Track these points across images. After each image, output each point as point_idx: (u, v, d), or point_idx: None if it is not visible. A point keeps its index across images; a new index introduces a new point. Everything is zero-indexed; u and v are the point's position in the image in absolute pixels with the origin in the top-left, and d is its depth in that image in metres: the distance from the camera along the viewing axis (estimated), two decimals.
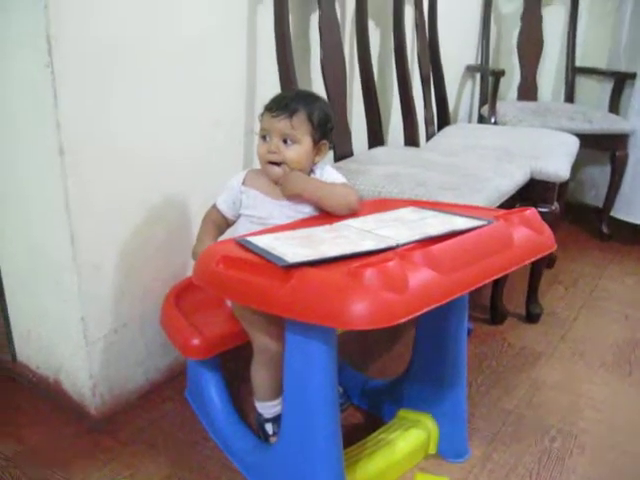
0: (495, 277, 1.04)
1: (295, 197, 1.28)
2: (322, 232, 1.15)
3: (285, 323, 1.09)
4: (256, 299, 1.00)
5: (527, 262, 1.11)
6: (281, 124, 1.24)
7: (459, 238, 1.02)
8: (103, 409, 1.50)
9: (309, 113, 1.26)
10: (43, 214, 1.36)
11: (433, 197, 1.49)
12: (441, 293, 0.95)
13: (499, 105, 2.57)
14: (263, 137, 1.27)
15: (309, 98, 1.30)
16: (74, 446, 1.41)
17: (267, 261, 1.00)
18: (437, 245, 0.98)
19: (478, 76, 2.92)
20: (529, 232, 1.13)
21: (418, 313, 0.90)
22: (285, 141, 1.26)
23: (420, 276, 0.94)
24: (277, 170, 1.27)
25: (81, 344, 1.42)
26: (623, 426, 1.53)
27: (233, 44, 1.63)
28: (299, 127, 1.25)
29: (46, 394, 1.57)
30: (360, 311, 0.87)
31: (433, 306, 0.93)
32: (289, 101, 1.26)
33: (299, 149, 1.26)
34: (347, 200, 1.28)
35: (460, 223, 1.10)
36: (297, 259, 0.97)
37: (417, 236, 1.06)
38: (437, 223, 1.14)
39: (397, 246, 1.02)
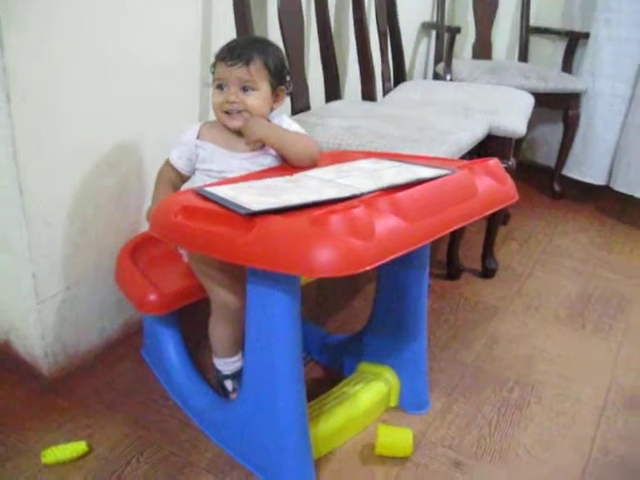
0: (459, 225, 1.03)
1: (257, 143, 1.24)
2: (282, 182, 1.12)
3: (245, 276, 1.07)
4: (218, 249, 0.97)
5: (490, 211, 1.10)
6: (238, 72, 1.20)
7: (424, 186, 1.01)
8: (57, 369, 1.45)
9: (265, 59, 1.22)
10: None
11: (394, 149, 1.47)
12: (408, 240, 0.93)
13: (454, 63, 2.56)
14: (219, 87, 1.23)
15: (263, 44, 1.26)
16: (27, 408, 1.37)
17: (228, 210, 0.97)
18: (403, 192, 0.97)
19: (433, 34, 2.89)
20: (492, 182, 1.13)
21: (385, 260, 0.89)
22: (244, 89, 1.22)
23: (386, 223, 0.92)
24: (236, 120, 1.23)
25: (32, 302, 1.37)
26: (576, 377, 1.56)
27: None
28: (256, 74, 1.21)
29: None
30: (326, 258, 0.85)
31: (400, 253, 0.91)
32: (244, 49, 1.22)
33: (258, 95, 1.22)
34: (310, 150, 1.25)
35: (424, 172, 1.09)
36: (260, 207, 0.94)
37: (381, 184, 1.04)
38: (401, 172, 1.12)
39: (361, 194, 1.00)
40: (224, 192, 1.05)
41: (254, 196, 1.02)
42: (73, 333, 1.47)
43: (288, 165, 1.27)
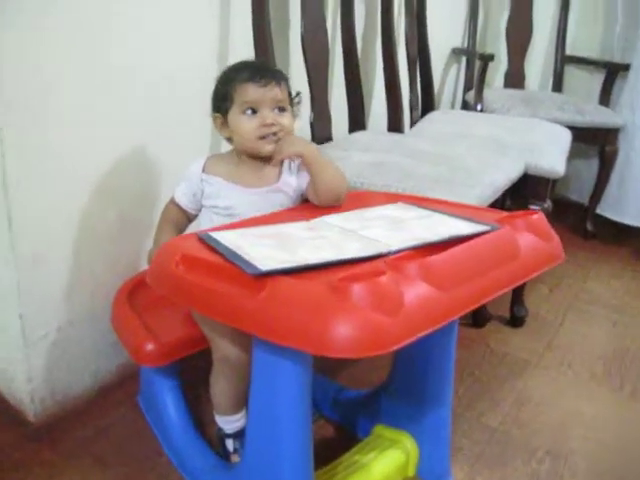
0: (499, 293, 0.89)
1: (289, 158, 1.14)
2: (298, 230, 0.99)
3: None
4: (220, 311, 0.85)
5: (534, 275, 0.96)
6: (273, 92, 1.10)
7: (461, 247, 0.87)
8: (44, 416, 1.34)
9: (286, 78, 1.15)
10: None
11: (422, 191, 1.34)
12: (440, 314, 0.80)
13: (485, 92, 2.43)
14: (251, 110, 1.10)
15: (273, 65, 1.19)
16: (9, 458, 1.26)
17: (235, 265, 0.84)
18: (436, 255, 0.83)
19: (464, 60, 2.77)
20: (536, 240, 0.99)
21: (413, 338, 0.75)
22: (278, 109, 1.11)
23: (416, 293, 0.79)
24: (272, 144, 1.12)
25: (19, 344, 1.26)
26: (616, 447, 1.41)
27: (205, 13, 1.46)
28: (285, 93, 1.13)
29: None
30: (345, 336, 0.72)
31: (431, 329, 0.78)
32: (266, 68, 1.15)
33: (289, 115, 1.13)
34: (339, 186, 1.14)
35: (461, 228, 0.95)
36: (270, 266, 0.81)
37: (412, 241, 0.90)
38: (432, 226, 0.99)
39: (388, 253, 0.87)
40: (231, 241, 0.92)
41: (265, 249, 0.89)
42: (63, 376, 1.36)
43: (304, 206, 1.16)
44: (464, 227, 0.96)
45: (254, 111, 1.10)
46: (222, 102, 1.12)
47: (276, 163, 1.14)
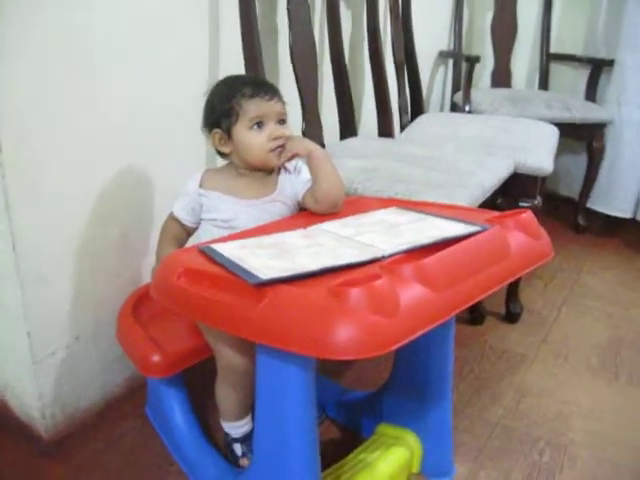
0: (492, 291, 0.93)
1: (298, 157, 1.18)
2: (295, 238, 1.02)
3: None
4: (223, 320, 0.88)
5: (525, 272, 1.00)
6: (277, 106, 1.14)
7: (453, 249, 0.90)
8: (55, 431, 1.36)
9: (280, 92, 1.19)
10: None
11: (414, 195, 1.38)
12: (435, 313, 0.83)
13: (473, 93, 2.47)
14: (257, 125, 1.13)
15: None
16: (23, 474, 1.28)
17: (236, 275, 0.87)
18: (430, 257, 0.86)
19: (450, 62, 2.81)
20: (526, 238, 1.02)
21: (411, 338, 0.79)
22: (280, 122, 1.15)
23: (412, 294, 0.82)
24: (279, 157, 1.16)
25: (27, 362, 1.28)
26: (613, 436, 1.44)
27: (194, 28, 1.49)
28: (284, 107, 1.17)
29: None
30: (346, 338, 0.75)
31: (427, 328, 0.81)
32: (265, 82, 1.19)
33: (289, 127, 1.17)
34: (338, 192, 1.18)
35: (452, 229, 0.98)
36: (271, 275, 0.84)
37: (405, 245, 0.93)
38: (425, 228, 1.02)
39: (383, 257, 0.90)
40: (231, 252, 0.95)
41: (264, 259, 0.92)
42: (72, 392, 1.38)
43: (301, 214, 1.19)
44: (456, 228, 0.99)
45: (260, 125, 1.13)
46: (224, 118, 1.14)
47: (285, 160, 1.17)
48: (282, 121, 1.15)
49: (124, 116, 1.35)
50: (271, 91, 1.14)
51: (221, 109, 1.14)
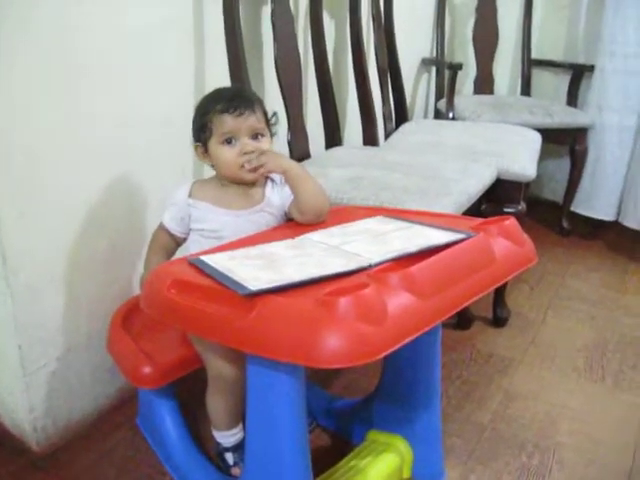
0: (477, 297, 0.94)
1: (271, 173, 1.18)
2: (283, 249, 1.03)
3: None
4: (213, 331, 0.89)
5: (509, 277, 1.02)
6: (249, 121, 1.14)
7: (439, 256, 0.92)
8: (47, 444, 1.37)
9: (261, 104, 1.18)
10: None
11: (399, 203, 1.39)
12: (422, 320, 0.85)
13: (456, 99, 2.49)
14: (227, 141, 1.15)
15: (248, 91, 1.23)
16: None
17: (225, 287, 0.89)
18: (416, 265, 0.88)
19: (433, 70, 2.83)
20: (509, 244, 1.04)
21: (398, 345, 0.80)
22: (254, 137, 1.15)
23: (399, 302, 0.84)
24: (254, 173, 1.16)
25: (18, 375, 1.28)
26: (600, 437, 1.47)
27: (180, 40, 1.50)
28: (262, 119, 1.16)
29: None
30: (334, 347, 0.77)
31: (414, 335, 0.83)
32: (242, 97, 1.16)
33: (267, 140, 1.17)
34: (321, 204, 1.18)
35: (437, 238, 1.00)
36: (259, 286, 0.85)
37: (392, 253, 0.95)
38: (411, 237, 1.04)
39: (370, 266, 0.92)
40: (220, 263, 0.97)
41: (253, 269, 0.93)
42: (64, 404, 1.39)
43: (288, 224, 1.20)
44: (441, 236, 1.01)
45: (232, 140, 1.14)
46: (201, 132, 1.16)
47: (260, 179, 1.18)
48: (257, 135, 1.15)
49: (113, 127, 1.36)
50: (243, 106, 1.13)
51: (199, 123, 1.16)
